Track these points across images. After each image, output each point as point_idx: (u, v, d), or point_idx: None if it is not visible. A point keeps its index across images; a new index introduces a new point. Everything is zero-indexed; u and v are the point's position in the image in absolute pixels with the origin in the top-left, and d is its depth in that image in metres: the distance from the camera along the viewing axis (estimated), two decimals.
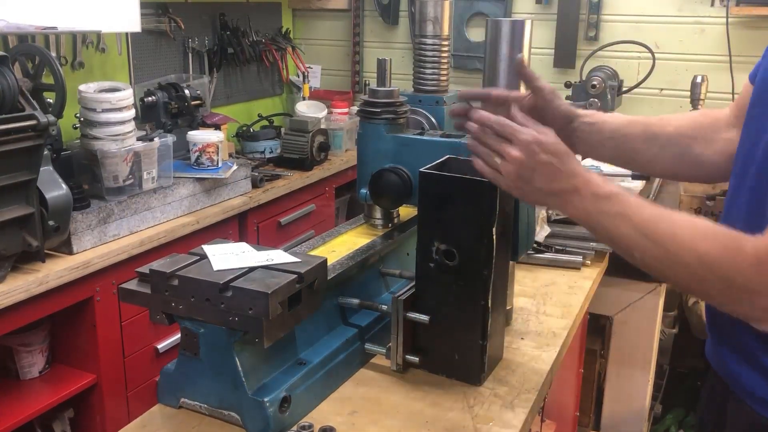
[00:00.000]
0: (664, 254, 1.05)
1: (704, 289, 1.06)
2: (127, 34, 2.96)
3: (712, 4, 3.35)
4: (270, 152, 3.35)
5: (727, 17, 3.26)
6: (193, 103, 2.86)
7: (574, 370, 2.28)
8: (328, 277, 1.30)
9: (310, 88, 3.98)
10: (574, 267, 1.97)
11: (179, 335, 1.23)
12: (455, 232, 1.30)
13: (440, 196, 1.30)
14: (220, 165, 2.72)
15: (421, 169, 1.33)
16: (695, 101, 2.94)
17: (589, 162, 2.47)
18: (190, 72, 3.43)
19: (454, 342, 1.35)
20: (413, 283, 1.40)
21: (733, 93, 3.25)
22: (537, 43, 3.59)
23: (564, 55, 3.66)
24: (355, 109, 3.53)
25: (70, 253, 2.15)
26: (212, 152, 2.68)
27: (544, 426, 1.91)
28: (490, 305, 1.31)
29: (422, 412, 1.28)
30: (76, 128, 2.42)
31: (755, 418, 1.12)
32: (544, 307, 1.72)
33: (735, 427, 1.19)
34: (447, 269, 1.31)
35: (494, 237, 1.28)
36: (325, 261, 1.25)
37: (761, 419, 1.12)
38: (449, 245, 1.30)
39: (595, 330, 2.54)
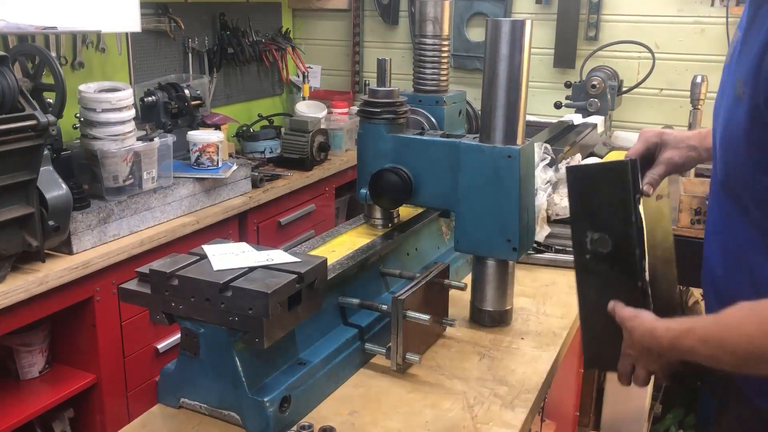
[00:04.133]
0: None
1: None
2: (127, 34, 2.96)
3: (712, 4, 3.35)
4: (270, 152, 3.34)
5: (727, 17, 3.26)
6: (193, 103, 2.86)
7: (574, 370, 2.28)
8: (328, 277, 1.30)
9: (310, 88, 3.98)
10: (574, 267, 1.96)
11: (179, 335, 1.23)
12: (605, 219, 1.27)
13: (586, 186, 1.28)
14: (220, 165, 2.72)
15: (567, 166, 1.33)
16: (695, 101, 2.94)
17: (589, 161, 2.47)
18: (190, 72, 3.42)
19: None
20: (413, 283, 1.40)
21: None
22: (537, 43, 3.59)
23: (564, 55, 3.66)
24: (355, 109, 3.53)
25: (70, 253, 2.15)
26: (212, 152, 2.68)
27: (544, 426, 1.91)
28: (648, 286, 1.27)
29: (422, 412, 1.28)
30: (76, 128, 2.42)
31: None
32: (544, 307, 1.72)
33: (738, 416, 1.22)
34: (602, 258, 1.28)
35: (642, 215, 1.27)
36: (325, 261, 1.25)
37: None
38: (602, 232, 1.28)
39: None
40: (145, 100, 2.76)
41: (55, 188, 2.02)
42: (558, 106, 3.38)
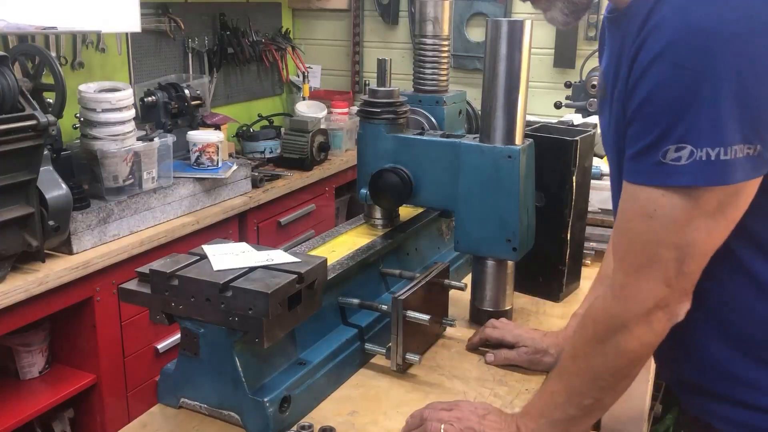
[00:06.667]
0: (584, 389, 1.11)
1: (605, 371, 1.08)
2: (127, 34, 2.96)
3: None
4: (270, 152, 3.35)
5: None
6: (193, 103, 2.86)
7: None
8: (328, 277, 1.30)
9: (310, 88, 3.98)
10: None
11: (179, 335, 1.23)
12: (545, 180, 1.58)
13: (539, 152, 1.52)
14: (220, 165, 2.72)
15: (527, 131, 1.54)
16: None
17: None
18: (190, 72, 3.43)
19: (540, 267, 1.64)
20: (413, 283, 1.40)
21: None
22: (537, 43, 3.58)
23: (564, 55, 3.66)
24: (355, 109, 3.53)
25: (70, 253, 2.15)
26: (212, 152, 2.68)
27: None
28: (569, 239, 1.61)
29: None
30: (76, 128, 2.43)
31: None
32: (544, 307, 1.72)
33: None
34: (537, 209, 1.56)
35: (574, 184, 1.60)
36: (325, 261, 1.25)
37: None
38: (539, 190, 1.58)
39: None
40: (145, 100, 2.76)
41: (55, 188, 2.02)
42: (558, 106, 3.38)
